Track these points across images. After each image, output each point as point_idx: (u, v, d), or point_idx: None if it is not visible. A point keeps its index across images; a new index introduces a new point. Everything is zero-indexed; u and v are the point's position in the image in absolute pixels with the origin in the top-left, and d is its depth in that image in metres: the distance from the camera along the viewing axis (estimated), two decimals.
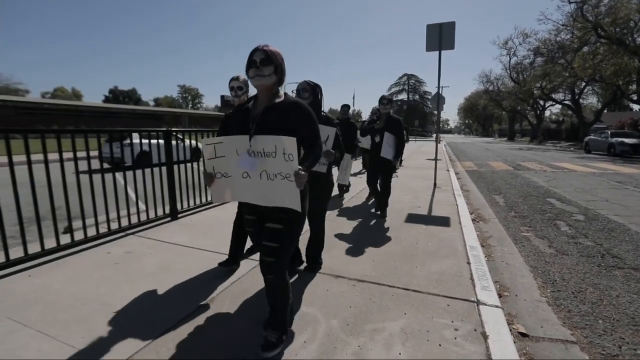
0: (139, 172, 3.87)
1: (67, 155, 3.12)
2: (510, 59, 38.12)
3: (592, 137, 19.31)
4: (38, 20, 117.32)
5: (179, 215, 4.41)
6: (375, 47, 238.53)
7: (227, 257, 2.84)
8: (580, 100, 32.80)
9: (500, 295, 2.49)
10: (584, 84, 30.09)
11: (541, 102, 40.45)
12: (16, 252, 2.83)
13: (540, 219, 4.80)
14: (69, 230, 3.24)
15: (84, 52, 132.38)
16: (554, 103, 37.93)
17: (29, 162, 2.84)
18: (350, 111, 7.70)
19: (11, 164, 2.72)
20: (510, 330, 2.03)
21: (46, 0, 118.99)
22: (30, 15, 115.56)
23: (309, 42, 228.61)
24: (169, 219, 4.28)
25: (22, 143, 2.80)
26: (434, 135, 30.84)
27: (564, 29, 26.97)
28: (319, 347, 1.80)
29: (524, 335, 2.08)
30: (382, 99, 4.25)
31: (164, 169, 4.24)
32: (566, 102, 34.72)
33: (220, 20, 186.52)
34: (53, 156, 2.86)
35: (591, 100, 39.00)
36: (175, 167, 4.36)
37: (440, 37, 6.49)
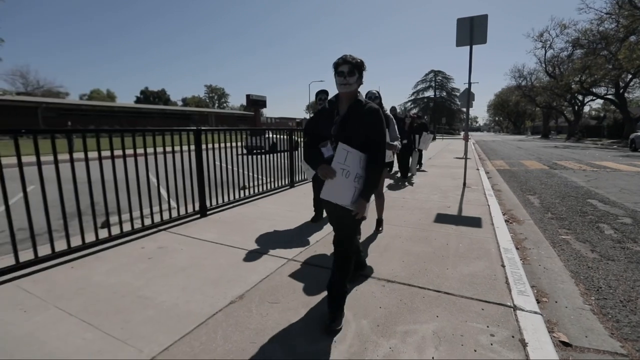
0: (170, 171, 4.01)
1: (106, 153, 3.28)
2: (545, 52, 36.18)
3: (639, 133, 17.93)
4: (73, 23, 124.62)
5: (208, 212, 4.53)
6: (400, 46, 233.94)
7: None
8: (626, 95, 30.46)
9: (538, 301, 2.35)
10: (630, 76, 27.90)
11: (580, 97, 38.07)
12: (60, 245, 3.01)
13: (580, 222, 4.51)
14: (107, 225, 3.41)
15: (116, 54, 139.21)
16: (594, 98, 35.57)
17: (72, 160, 3.01)
18: None
19: (56, 162, 2.89)
20: (551, 338, 1.91)
21: (79, 5, 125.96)
22: (64, 19, 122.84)
23: (333, 41, 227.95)
24: (199, 215, 4.40)
25: (60, 142, 2.97)
26: (462, 132, 29.88)
27: (607, 17, 25.18)
28: (349, 347, 1.78)
29: (566, 344, 1.95)
30: (338, 64, 1.97)
31: (194, 167, 4.37)
32: (609, 96, 32.37)
33: (245, 21, 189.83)
34: (92, 154, 3.01)
35: (638, 94, 36.08)
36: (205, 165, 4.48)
37: (472, 31, 6.23)
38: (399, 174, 8.18)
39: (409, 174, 7.80)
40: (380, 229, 3.86)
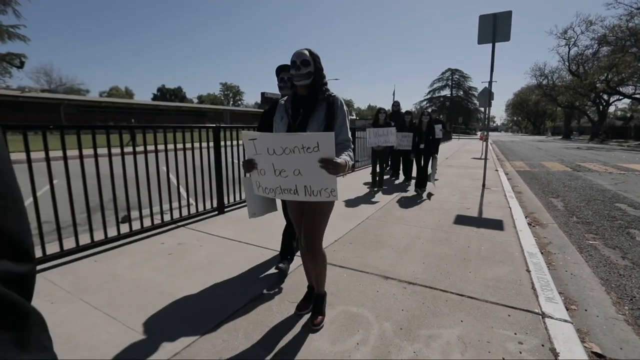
0: (188, 168, 4.04)
1: (127, 149, 3.34)
2: (569, 49, 35.00)
3: None
4: (93, 21, 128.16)
5: (226, 209, 4.56)
6: (417, 45, 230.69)
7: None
8: None
9: (566, 309, 2.25)
10: None
11: (605, 97, 36.63)
12: (84, 239, 3.07)
13: (609, 227, 4.32)
14: (128, 220, 3.47)
15: (134, 52, 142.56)
16: (621, 97, 34.14)
17: (96, 156, 3.07)
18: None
19: (81, 158, 2.96)
20: (583, 349, 1.83)
21: (99, 4, 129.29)
22: (85, 17, 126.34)
23: (349, 41, 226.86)
24: (217, 212, 4.44)
25: (84, 138, 3.04)
26: (478, 132, 29.30)
27: (638, 13, 24.11)
28: (373, 349, 1.75)
29: (599, 356, 1.86)
30: None
31: (211, 163, 4.40)
32: (637, 96, 31.04)
33: (261, 19, 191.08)
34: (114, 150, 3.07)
35: None
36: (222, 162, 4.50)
37: (495, 28, 6.05)
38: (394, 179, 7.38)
39: (425, 186, 6.06)
40: (319, 319, 1.96)
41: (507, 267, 2.81)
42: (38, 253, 2.74)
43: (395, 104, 7.94)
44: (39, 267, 2.67)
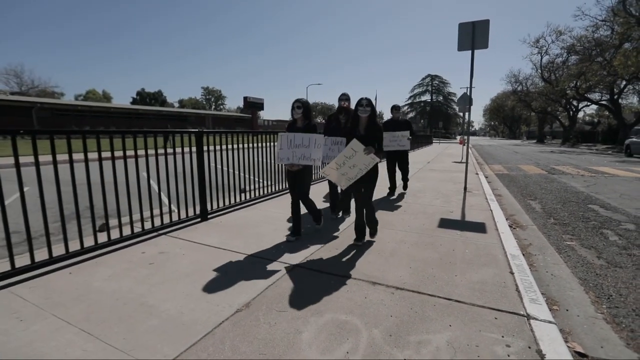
0: (170, 173, 3.92)
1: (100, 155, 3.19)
2: (541, 57, 36.58)
3: (634, 139, 18.04)
4: (69, 22, 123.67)
5: (209, 216, 4.45)
6: (397, 49, 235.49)
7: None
8: (620, 100, 30.84)
9: (549, 310, 2.31)
10: (624, 82, 28.27)
11: (575, 103, 38.50)
12: (57, 250, 2.91)
13: (584, 227, 4.50)
14: (106, 228, 3.32)
15: (112, 54, 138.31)
16: (589, 103, 35.98)
17: (71, 161, 2.92)
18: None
19: (55, 163, 2.80)
20: (567, 349, 1.87)
21: (74, 4, 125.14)
22: (61, 18, 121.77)
23: (331, 44, 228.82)
24: (199, 219, 4.32)
25: (57, 143, 2.89)
26: (458, 137, 30.29)
27: (602, 24, 25.56)
28: (363, 357, 1.72)
29: (582, 355, 1.90)
30: None
31: (194, 169, 4.29)
32: (603, 102, 32.81)
33: (243, 22, 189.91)
34: (91, 155, 2.93)
35: (631, 100, 36.44)
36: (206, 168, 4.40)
37: (474, 35, 6.24)
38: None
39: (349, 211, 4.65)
40: None
41: (491, 270, 2.86)
42: (5, 266, 2.57)
43: (344, 97, 4.59)
44: (5, 282, 2.50)
